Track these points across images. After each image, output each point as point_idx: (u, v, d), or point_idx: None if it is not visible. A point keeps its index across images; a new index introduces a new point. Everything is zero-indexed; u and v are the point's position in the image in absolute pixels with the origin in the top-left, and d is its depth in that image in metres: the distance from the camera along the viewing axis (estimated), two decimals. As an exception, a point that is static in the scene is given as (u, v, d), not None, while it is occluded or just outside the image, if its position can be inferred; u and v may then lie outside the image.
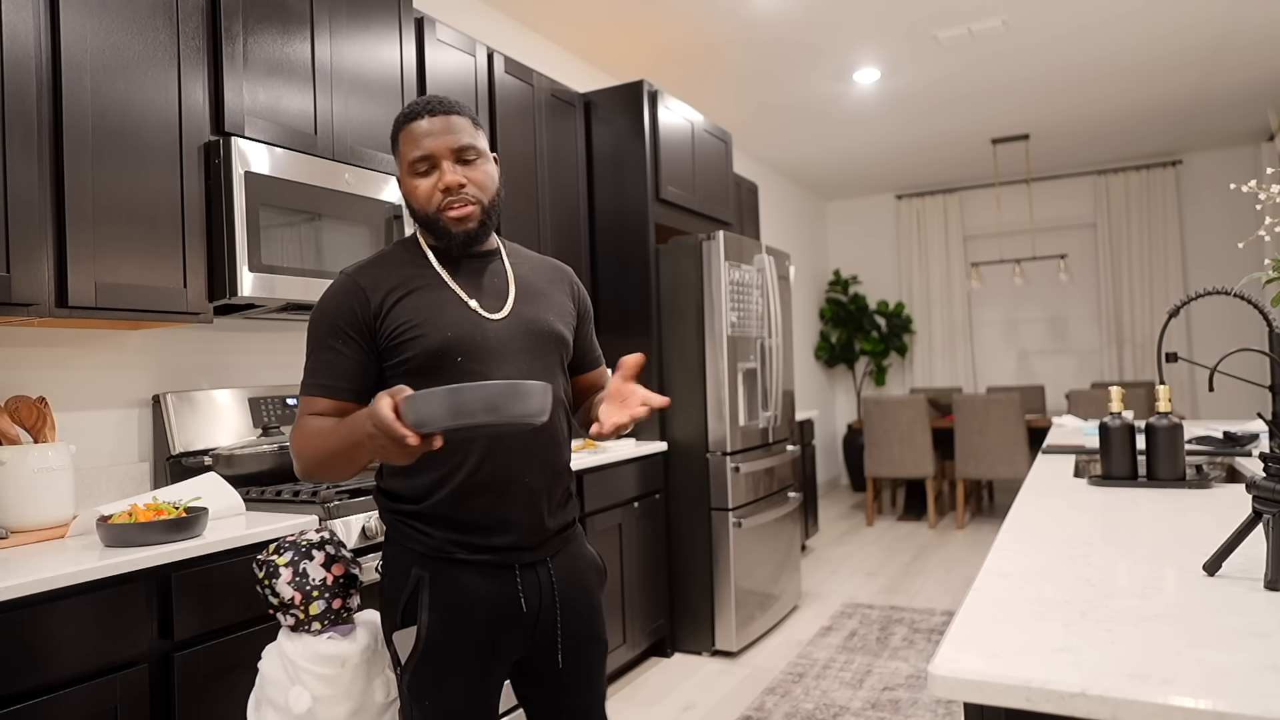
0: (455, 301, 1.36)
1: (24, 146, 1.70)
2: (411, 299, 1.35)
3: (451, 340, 1.33)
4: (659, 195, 3.66)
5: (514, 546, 1.36)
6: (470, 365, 1.33)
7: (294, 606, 1.46)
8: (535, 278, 1.49)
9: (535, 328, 1.41)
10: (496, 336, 1.36)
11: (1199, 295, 1.53)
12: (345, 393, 1.33)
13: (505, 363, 1.36)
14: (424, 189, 1.36)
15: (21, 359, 2.02)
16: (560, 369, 1.45)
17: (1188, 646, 0.82)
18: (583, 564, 1.47)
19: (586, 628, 1.45)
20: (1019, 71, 4.92)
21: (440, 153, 1.35)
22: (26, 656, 1.41)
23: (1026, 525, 1.45)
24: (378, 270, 1.37)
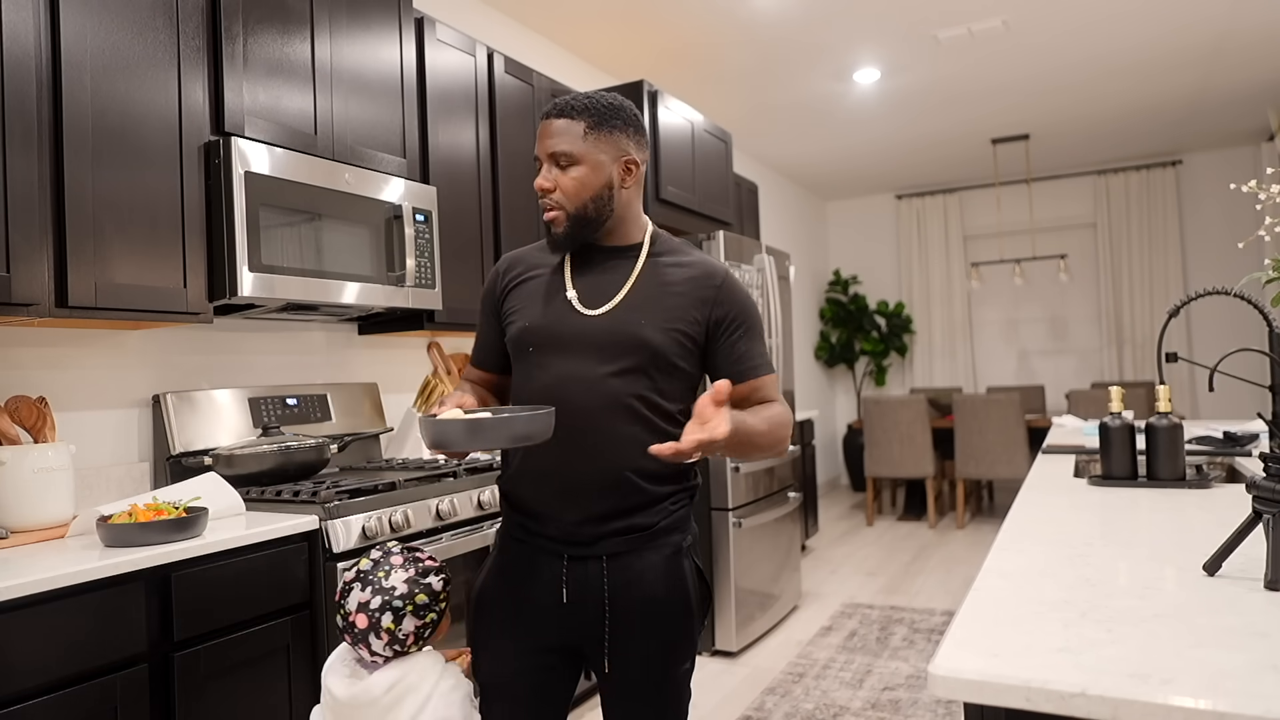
0: (556, 293, 1.43)
1: (24, 146, 1.71)
2: (525, 285, 1.47)
3: (528, 330, 1.42)
4: (659, 195, 3.66)
5: (561, 538, 1.40)
6: (538, 356, 1.41)
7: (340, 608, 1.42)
8: (663, 283, 1.44)
9: (623, 331, 1.39)
10: (578, 332, 1.40)
11: (1199, 295, 1.53)
12: (484, 362, 1.55)
13: (571, 358, 1.39)
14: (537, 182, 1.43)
15: (21, 359, 2.02)
16: (642, 375, 1.39)
17: (1188, 646, 0.82)
18: (653, 575, 1.40)
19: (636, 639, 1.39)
20: (1019, 71, 4.92)
21: (542, 156, 1.42)
22: (27, 656, 1.41)
23: (1026, 525, 1.45)
24: (522, 254, 1.53)
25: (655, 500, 1.41)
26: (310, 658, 1.92)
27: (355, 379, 2.91)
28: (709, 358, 1.45)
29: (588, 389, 1.37)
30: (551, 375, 1.39)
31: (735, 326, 1.44)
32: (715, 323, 1.43)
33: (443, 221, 2.78)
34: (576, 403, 1.37)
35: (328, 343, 2.82)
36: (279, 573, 1.85)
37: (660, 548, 1.41)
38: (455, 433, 1.21)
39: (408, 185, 2.54)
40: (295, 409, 2.53)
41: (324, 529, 1.94)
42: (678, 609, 1.42)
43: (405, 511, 2.12)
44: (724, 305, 1.44)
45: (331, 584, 1.94)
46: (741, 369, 1.44)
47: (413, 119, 2.68)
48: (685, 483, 1.46)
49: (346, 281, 2.32)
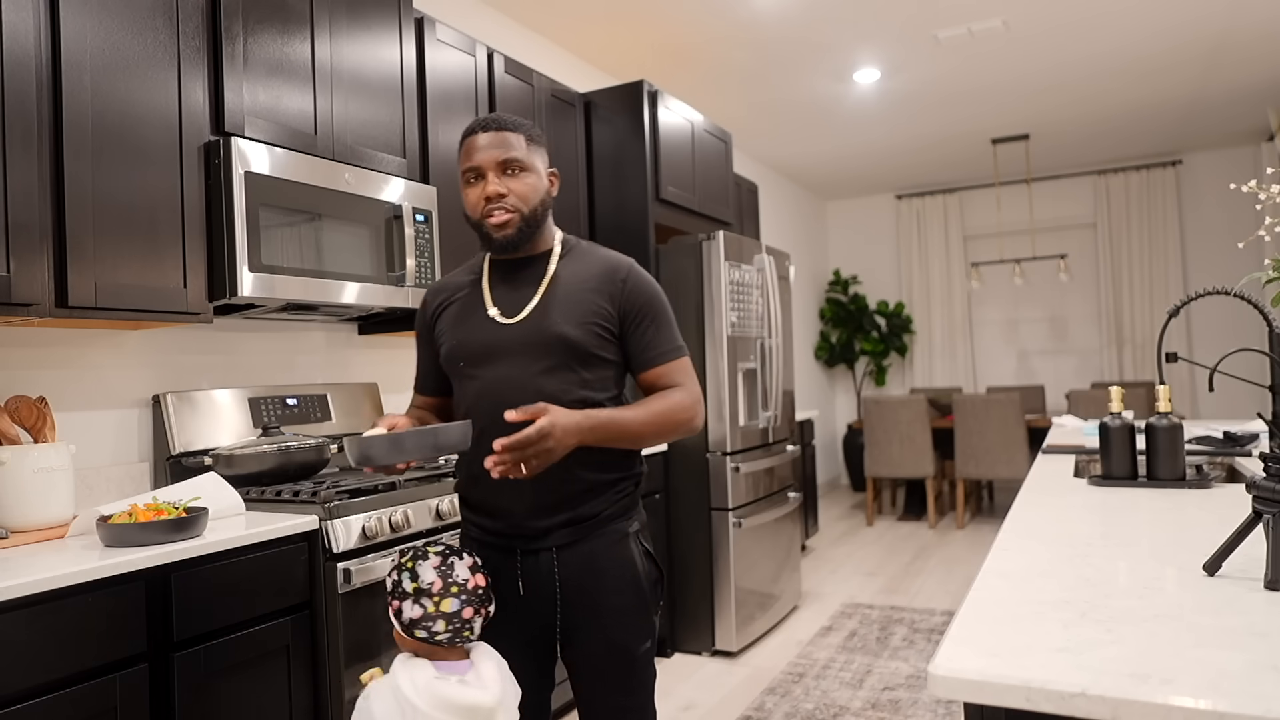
0: (478, 309, 1.54)
1: (24, 146, 1.71)
2: (450, 308, 1.58)
3: (457, 347, 1.53)
4: (659, 195, 3.66)
5: (511, 532, 1.49)
6: (470, 369, 1.51)
7: (429, 594, 1.36)
8: (573, 282, 1.53)
9: (540, 332, 1.48)
10: (501, 341, 1.50)
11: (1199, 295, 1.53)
12: (425, 387, 1.67)
13: (497, 365, 1.49)
14: (472, 197, 1.51)
15: (21, 359, 2.02)
16: (570, 369, 1.48)
17: (1188, 646, 0.82)
18: (602, 561, 1.49)
19: (591, 624, 1.48)
20: (1019, 71, 4.92)
21: (487, 165, 1.49)
22: (27, 656, 1.41)
23: (1026, 525, 1.45)
24: (446, 282, 1.63)
25: (598, 489, 1.50)
26: (310, 658, 1.92)
27: (355, 379, 2.91)
28: (623, 348, 1.55)
29: (519, 390, 1.47)
30: (484, 383, 1.50)
31: (641, 317, 1.54)
32: (624, 314, 1.53)
33: (443, 221, 2.78)
34: (508, 403, 1.44)
35: (328, 343, 2.82)
36: (279, 573, 1.85)
37: (607, 535, 1.50)
38: (378, 447, 1.32)
39: (408, 185, 2.54)
40: (295, 409, 2.53)
41: (324, 529, 1.94)
42: (629, 592, 1.50)
43: (405, 511, 2.12)
44: (630, 297, 1.54)
45: (332, 584, 1.94)
46: (648, 357, 1.55)
47: (413, 119, 2.68)
48: (629, 471, 1.55)
49: (346, 281, 2.32)
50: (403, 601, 1.37)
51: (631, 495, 1.56)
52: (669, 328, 1.56)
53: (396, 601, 1.37)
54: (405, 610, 1.36)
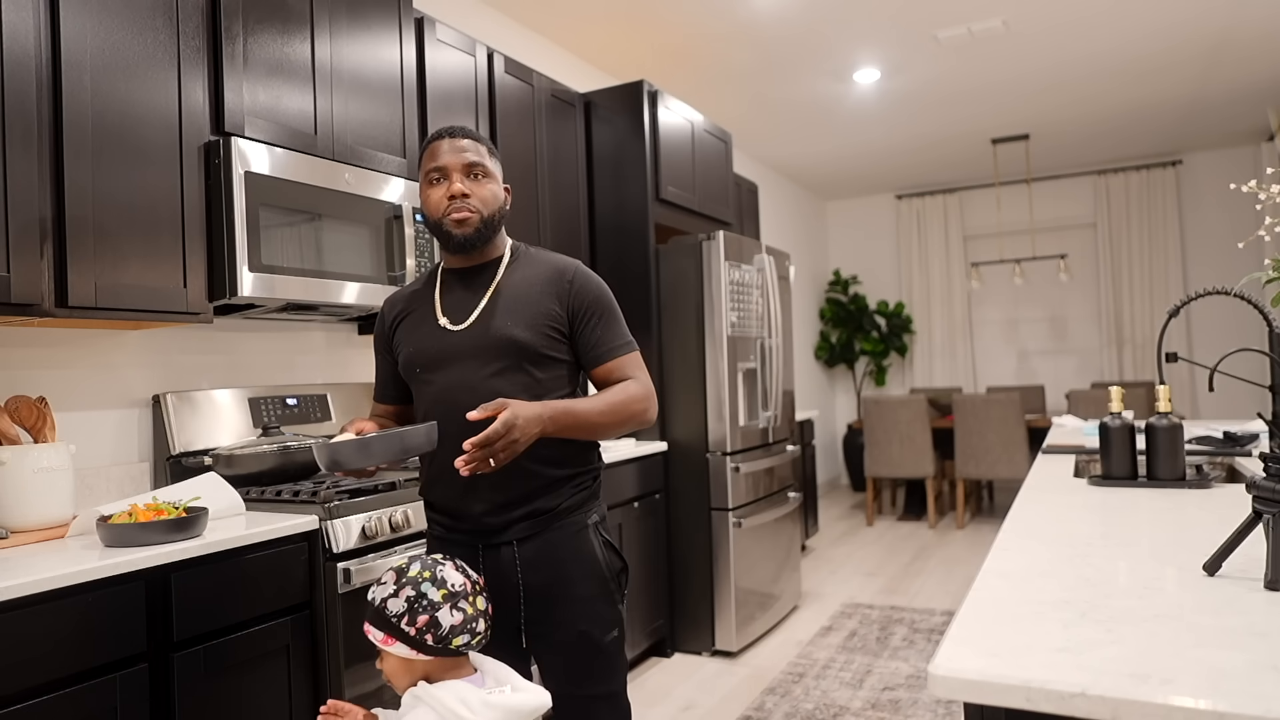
0: (429, 318, 1.60)
1: (24, 146, 1.70)
2: (406, 320, 1.64)
3: (413, 354, 1.59)
4: (659, 195, 3.66)
5: (473, 529, 1.55)
6: (425, 375, 1.58)
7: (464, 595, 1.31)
8: (521, 286, 1.59)
9: (490, 336, 1.54)
10: (452, 347, 1.56)
11: (1199, 295, 1.53)
12: (385, 396, 1.73)
13: (450, 369, 1.55)
14: (435, 197, 1.57)
15: (21, 359, 2.02)
16: (521, 370, 1.54)
17: (1188, 646, 0.82)
18: (562, 553, 1.53)
19: (555, 614, 1.52)
20: (1019, 71, 4.92)
21: (452, 166, 1.56)
22: (27, 656, 1.41)
23: (1026, 525, 1.45)
24: (401, 294, 1.68)
25: (554, 483, 1.55)
26: (310, 658, 1.92)
27: (355, 379, 2.91)
28: (574, 346, 1.60)
29: (470, 393, 1.51)
30: (438, 388, 1.55)
31: (589, 315, 1.59)
32: (573, 313, 1.58)
33: (443, 221, 2.78)
34: (465, 406, 1.45)
35: (328, 343, 2.82)
36: (279, 573, 1.85)
37: (566, 527, 1.55)
38: (347, 452, 1.37)
39: (408, 185, 2.54)
40: (295, 409, 2.53)
41: (324, 529, 1.94)
42: (591, 582, 1.55)
43: (405, 511, 2.12)
44: (578, 297, 1.59)
45: (332, 584, 1.94)
46: (598, 353, 1.60)
47: (413, 119, 2.68)
48: (587, 466, 1.61)
49: (346, 281, 2.32)
50: (435, 613, 1.28)
51: (590, 489, 1.62)
52: (617, 324, 1.62)
53: (425, 616, 1.27)
54: (443, 620, 1.28)
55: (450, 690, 1.25)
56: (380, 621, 1.30)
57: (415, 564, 1.35)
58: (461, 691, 1.25)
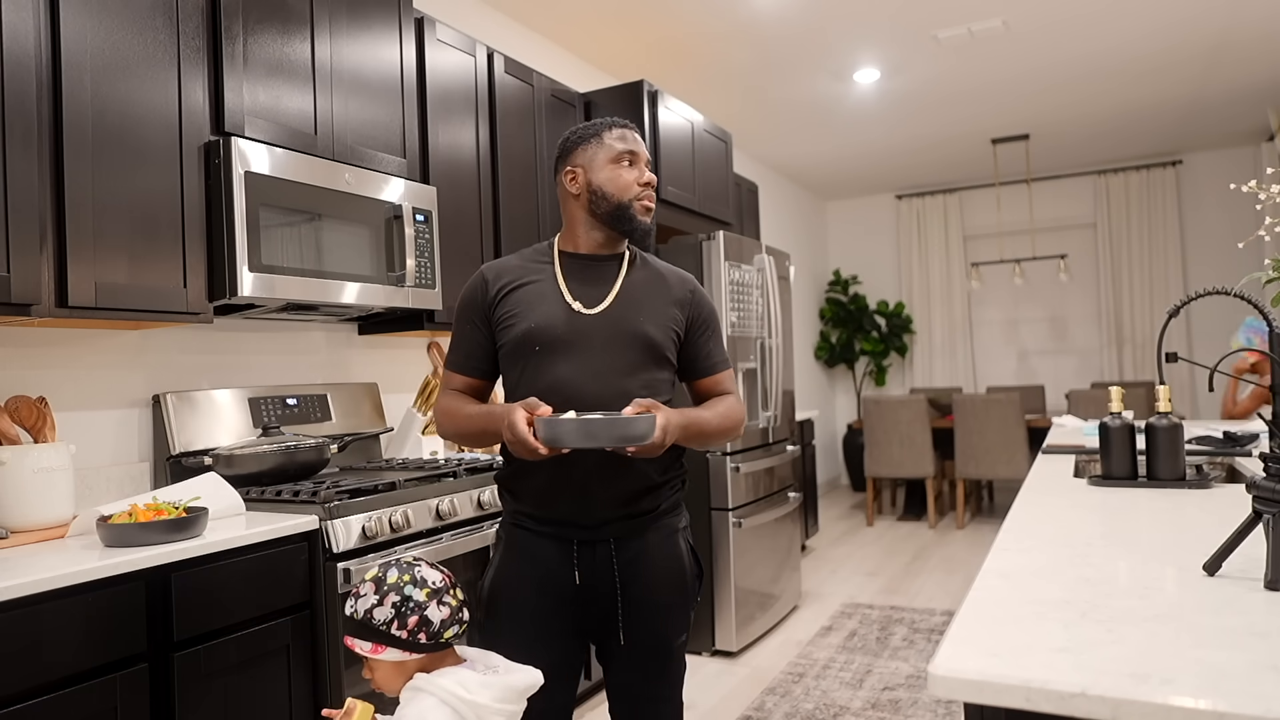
0: (554, 296, 1.53)
1: (24, 146, 1.70)
2: (519, 291, 1.54)
3: (533, 330, 1.50)
4: (659, 195, 3.66)
5: (568, 522, 1.50)
6: (548, 355, 1.50)
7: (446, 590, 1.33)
8: (647, 285, 1.60)
9: (623, 327, 1.53)
10: (581, 331, 1.51)
11: (1199, 295, 1.53)
12: (473, 370, 1.59)
13: (578, 355, 1.50)
14: (626, 178, 1.56)
15: (21, 359, 2.02)
16: (643, 367, 1.53)
17: (1188, 646, 0.82)
18: (655, 555, 1.54)
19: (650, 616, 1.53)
20: (1019, 71, 4.92)
21: (641, 155, 1.59)
22: (27, 656, 1.41)
23: (1026, 525, 1.45)
24: (505, 264, 1.59)
25: (656, 486, 1.54)
26: (310, 658, 1.92)
27: (355, 379, 2.91)
28: (682, 353, 1.62)
29: (597, 382, 1.49)
30: (561, 372, 1.49)
31: (705, 327, 1.64)
32: (691, 322, 1.62)
33: (443, 221, 2.78)
34: (587, 396, 1.48)
35: (328, 343, 2.82)
36: (279, 573, 1.85)
37: (660, 530, 1.56)
38: (569, 433, 1.34)
39: (408, 185, 2.54)
40: (295, 409, 2.53)
41: (324, 529, 1.94)
42: (678, 585, 1.57)
43: (405, 511, 2.12)
44: (698, 307, 1.64)
45: (332, 584, 1.94)
46: (709, 364, 1.65)
47: (413, 119, 2.68)
48: (680, 470, 1.62)
49: (346, 281, 2.32)
50: (424, 612, 1.30)
51: (680, 492, 1.63)
52: (722, 340, 1.69)
53: (414, 617, 1.29)
54: (433, 616, 1.30)
55: (448, 676, 1.29)
56: (366, 632, 1.30)
57: (391, 570, 1.34)
58: (459, 675, 1.29)
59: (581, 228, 1.59)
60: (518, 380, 1.53)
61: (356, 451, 2.77)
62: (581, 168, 1.57)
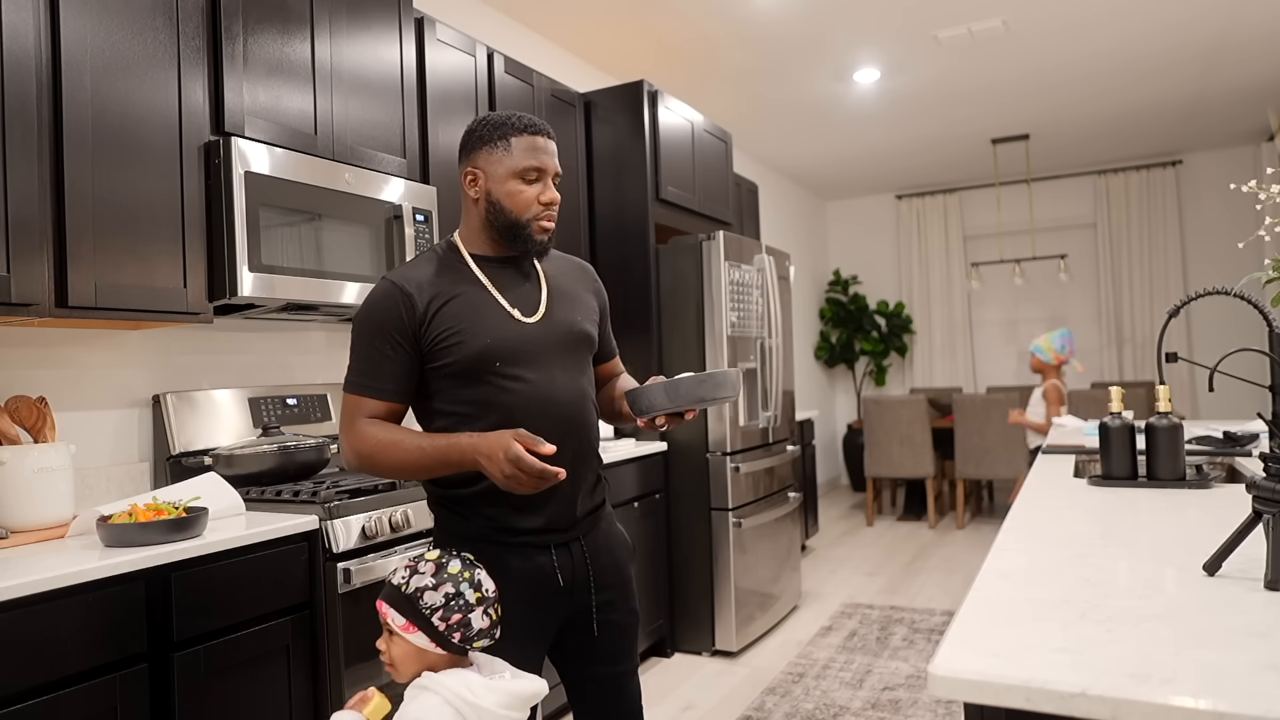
0: (494, 307, 1.47)
1: (24, 146, 1.70)
2: (453, 305, 1.45)
3: (490, 346, 1.44)
4: (659, 195, 3.66)
5: (547, 529, 1.48)
6: (507, 369, 1.45)
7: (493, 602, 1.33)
8: (564, 279, 1.61)
9: (566, 330, 1.52)
10: (531, 340, 1.48)
11: (1199, 295, 1.53)
12: (393, 395, 1.45)
13: (539, 365, 1.48)
14: (527, 196, 1.47)
15: (21, 359, 2.02)
16: (587, 363, 1.57)
17: (1188, 646, 0.82)
18: (613, 540, 1.60)
19: (619, 595, 1.58)
20: (1019, 71, 4.92)
21: (548, 169, 1.49)
22: (27, 656, 1.41)
23: (1026, 525, 1.45)
24: (421, 276, 1.46)
25: (599, 479, 1.61)
26: (310, 658, 1.92)
27: (355, 379, 2.91)
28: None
29: (567, 389, 1.50)
30: (529, 386, 1.46)
31: (608, 312, 1.71)
32: (600, 310, 1.67)
33: (443, 222, 2.78)
34: (562, 403, 1.48)
35: (328, 343, 2.82)
36: (279, 573, 1.85)
37: (606, 518, 1.62)
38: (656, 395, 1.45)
39: (408, 185, 2.54)
40: (295, 409, 2.53)
41: (324, 529, 1.94)
42: (631, 563, 1.64)
43: (405, 511, 2.12)
44: (601, 294, 1.69)
45: (332, 584, 1.94)
46: (610, 348, 1.73)
47: (413, 119, 2.68)
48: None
49: (347, 281, 2.32)
50: (469, 614, 1.30)
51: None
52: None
53: (459, 615, 1.29)
54: (475, 622, 1.30)
55: (455, 677, 1.29)
56: (407, 608, 1.30)
57: (455, 561, 1.34)
58: (465, 678, 1.29)
59: (482, 233, 1.52)
60: (475, 398, 1.45)
61: (356, 451, 2.76)
62: (482, 172, 1.48)
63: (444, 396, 1.46)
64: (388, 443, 1.41)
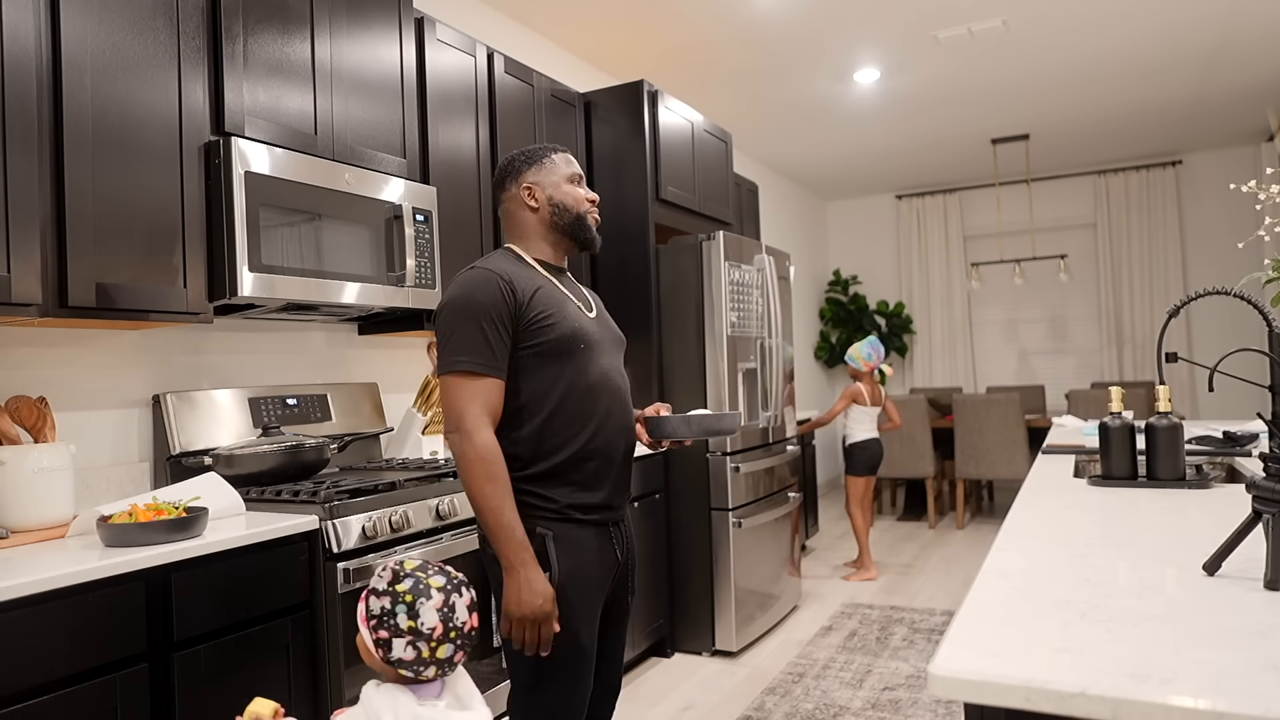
0: (569, 301, 1.66)
1: (24, 146, 1.70)
2: (540, 294, 1.61)
3: (577, 330, 1.61)
4: (659, 195, 3.66)
5: (609, 505, 1.64)
6: (589, 353, 1.62)
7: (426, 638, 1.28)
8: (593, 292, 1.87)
9: (614, 331, 1.76)
10: (596, 332, 1.67)
11: (1199, 295, 1.53)
12: (503, 372, 1.57)
13: (605, 354, 1.67)
14: (580, 194, 1.72)
15: (21, 359, 2.02)
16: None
17: (1187, 646, 0.82)
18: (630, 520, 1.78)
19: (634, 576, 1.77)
20: (1019, 71, 4.92)
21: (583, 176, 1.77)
22: (27, 656, 1.41)
23: (1026, 525, 1.45)
24: (506, 269, 1.60)
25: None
26: (310, 658, 1.92)
27: (355, 379, 2.91)
28: None
29: (620, 377, 1.70)
30: (601, 369, 1.64)
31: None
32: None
33: (443, 221, 2.78)
34: (616, 390, 1.66)
35: (328, 343, 2.82)
36: (279, 573, 1.85)
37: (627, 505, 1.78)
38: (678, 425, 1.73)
39: (408, 185, 2.54)
40: (295, 409, 2.53)
41: (324, 529, 1.94)
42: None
43: (405, 511, 2.12)
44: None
45: (332, 584, 1.94)
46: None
47: (413, 119, 2.68)
48: None
49: (346, 281, 2.32)
50: (394, 637, 1.27)
51: None
52: None
53: (384, 633, 1.27)
54: (395, 648, 1.27)
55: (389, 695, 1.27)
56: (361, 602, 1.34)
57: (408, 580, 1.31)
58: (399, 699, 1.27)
59: (541, 241, 1.71)
60: (559, 377, 1.59)
61: (356, 451, 2.76)
62: (538, 184, 1.70)
63: (527, 375, 1.58)
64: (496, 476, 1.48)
